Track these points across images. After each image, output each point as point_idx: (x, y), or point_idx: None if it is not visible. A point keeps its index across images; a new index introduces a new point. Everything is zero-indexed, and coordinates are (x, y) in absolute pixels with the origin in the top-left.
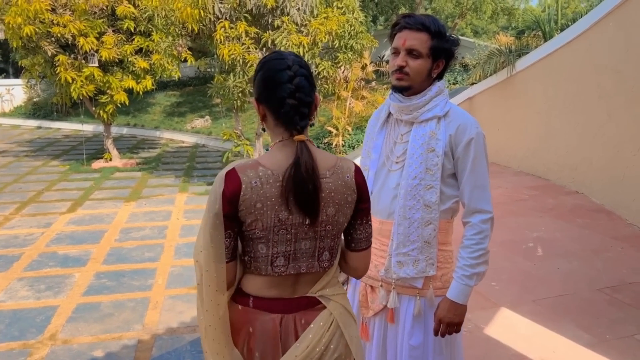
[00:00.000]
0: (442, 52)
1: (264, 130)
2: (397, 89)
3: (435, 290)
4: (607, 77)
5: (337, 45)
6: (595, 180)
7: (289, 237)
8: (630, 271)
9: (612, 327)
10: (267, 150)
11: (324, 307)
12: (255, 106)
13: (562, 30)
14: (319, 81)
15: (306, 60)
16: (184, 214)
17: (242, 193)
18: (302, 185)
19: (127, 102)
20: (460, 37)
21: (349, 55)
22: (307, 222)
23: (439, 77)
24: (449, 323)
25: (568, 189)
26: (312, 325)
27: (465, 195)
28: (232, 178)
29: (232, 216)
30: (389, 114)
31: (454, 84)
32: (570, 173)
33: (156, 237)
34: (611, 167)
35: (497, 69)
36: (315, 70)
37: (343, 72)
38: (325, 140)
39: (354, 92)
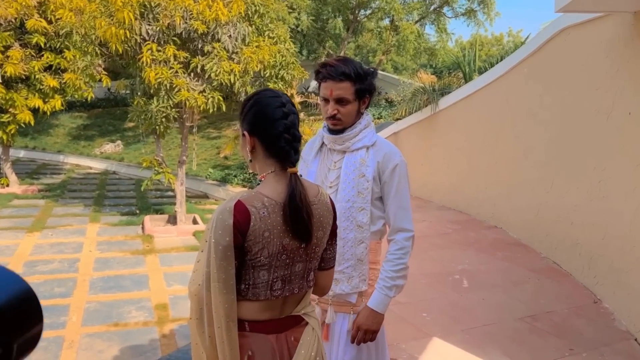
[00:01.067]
0: (365, 91)
1: (251, 161)
2: (332, 132)
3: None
4: (522, 119)
5: (267, 74)
6: (512, 216)
7: (287, 261)
8: (547, 301)
9: (535, 353)
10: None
11: (307, 324)
12: (246, 138)
13: (479, 72)
14: None
15: (237, 88)
16: (97, 246)
17: (251, 224)
18: (299, 213)
19: (32, 122)
20: (385, 74)
21: (280, 85)
22: (302, 246)
23: (366, 107)
24: (367, 330)
25: (488, 224)
26: (301, 342)
27: (391, 216)
28: (241, 210)
29: (239, 246)
30: (322, 144)
31: (378, 118)
32: (489, 208)
33: (67, 270)
34: (526, 204)
35: (421, 106)
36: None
37: None
38: (250, 170)
39: None
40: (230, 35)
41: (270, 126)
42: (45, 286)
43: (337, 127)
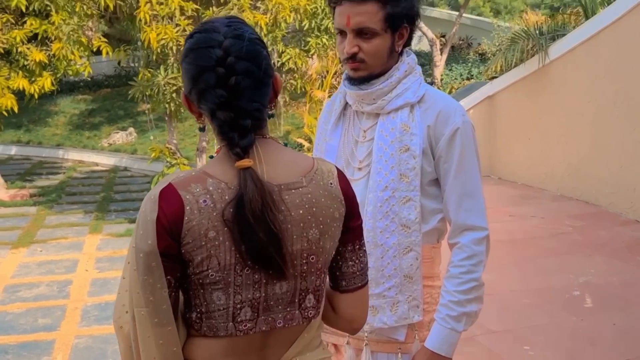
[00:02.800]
0: (402, 17)
1: (201, 129)
2: (354, 81)
3: (423, 343)
4: None
5: (307, 26)
6: None
7: (256, 277)
8: None
9: None
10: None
11: None
12: (183, 101)
13: (608, 4)
14: (282, 75)
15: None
16: (95, 264)
17: (185, 218)
18: (248, 231)
19: (15, 109)
20: (476, 17)
21: (324, 40)
22: (287, 257)
23: (407, 44)
24: None
25: (625, 218)
26: None
27: (451, 207)
28: (169, 198)
29: (172, 255)
30: (346, 105)
31: (468, 78)
32: (627, 196)
33: (55, 296)
34: None
35: (525, 57)
36: (278, 61)
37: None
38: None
39: (331, 91)
40: None
41: (201, 93)
42: (27, 317)
43: (360, 73)
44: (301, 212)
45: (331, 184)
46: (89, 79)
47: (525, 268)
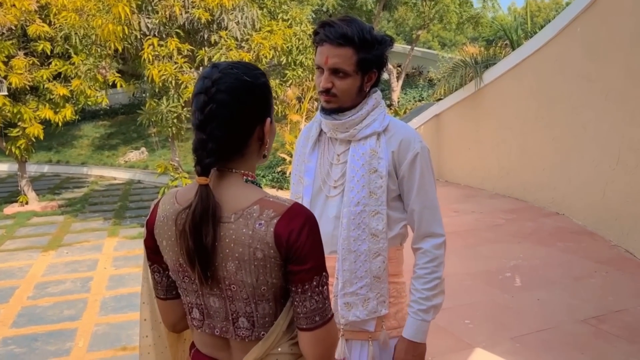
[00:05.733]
0: (371, 63)
1: None
2: (326, 111)
3: (390, 331)
4: (579, 87)
5: (284, 61)
6: (575, 200)
7: (194, 287)
8: (616, 298)
9: None
10: None
11: None
12: None
13: (531, 37)
14: None
15: None
16: (112, 262)
17: (155, 226)
18: (185, 238)
19: (41, 136)
20: (426, 50)
21: (299, 72)
22: (208, 274)
23: (375, 85)
24: None
25: (547, 210)
26: None
27: (415, 218)
28: (155, 208)
29: (154, 249)
30: (321, 132)
31: (419, 100)
32: (549, 193)
33: (79, 291)
34: (591, 184)
35: (464, 82)
36: None
37: (293, 91)
38: (279, 169)
39: (307, 115)
40: (237, 22)
41: (192, 114)
42: (54, 309)
43: (331, 105)
44: (222, 244)
45: (259, 225)
46: (108, 108)
47: (467, 255)
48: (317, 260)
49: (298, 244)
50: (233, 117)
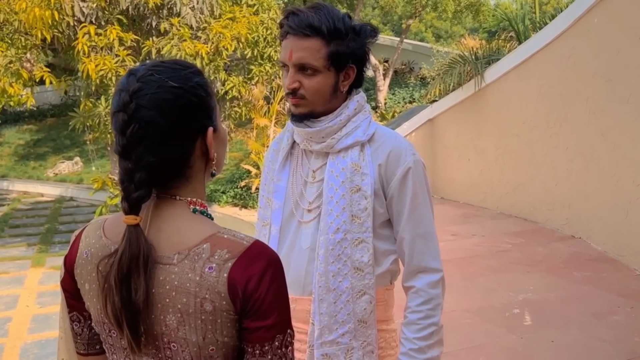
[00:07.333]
0: (347, 57)
1: None
2: (296, 117)
3: None
4: (597, 88)
5: (249, 55)
6: (594, 221)
7: (124, 344)
8: None
9: None
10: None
11: None
12: None
13: (540, 29)
14: (226, 103)
15: (208, 75)
16: (36, 299)
17: (75, 264)
18: (110, 292)
19: None
20: (416, 43)
21: (267, 67)
22: (141, 332)
23: (356, 85)
24: None
25: (561, 233)
26: None
27: (405, 249)
28: (76, 241)
29: (74, 294)
30: (294, 144)
31: (410, 102)
32: (563, 213)
33: None
34: (612, 203)
35: (462, 81)
36: (222, 89)
37: (260, 90)
38: (242, 184)
39: (277, 118)
40: (193, 7)
41: (114, 138)
42: None
43: (300, 109)
44: (161, 292)
45: (210, 269)
46: (35, 109)
47: (466, 287)
48: (281, 315)
49: (258, 294)
50: (163, 136)
